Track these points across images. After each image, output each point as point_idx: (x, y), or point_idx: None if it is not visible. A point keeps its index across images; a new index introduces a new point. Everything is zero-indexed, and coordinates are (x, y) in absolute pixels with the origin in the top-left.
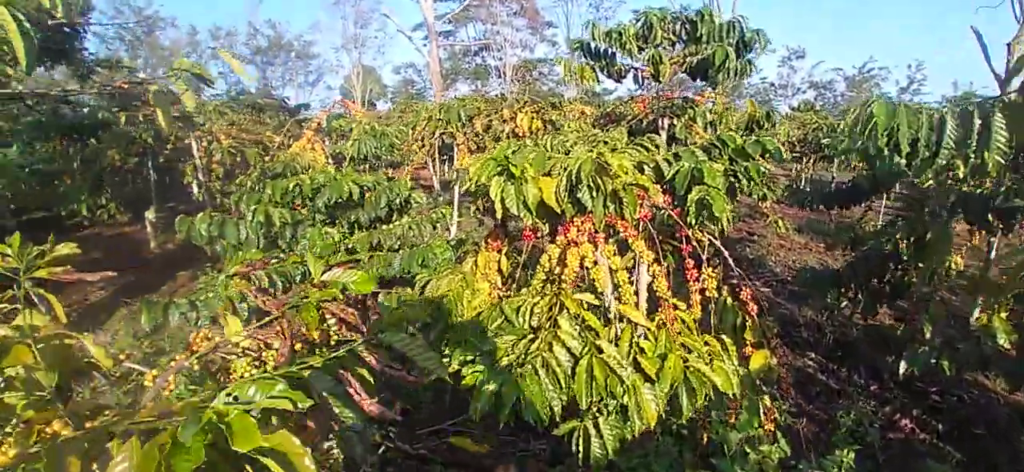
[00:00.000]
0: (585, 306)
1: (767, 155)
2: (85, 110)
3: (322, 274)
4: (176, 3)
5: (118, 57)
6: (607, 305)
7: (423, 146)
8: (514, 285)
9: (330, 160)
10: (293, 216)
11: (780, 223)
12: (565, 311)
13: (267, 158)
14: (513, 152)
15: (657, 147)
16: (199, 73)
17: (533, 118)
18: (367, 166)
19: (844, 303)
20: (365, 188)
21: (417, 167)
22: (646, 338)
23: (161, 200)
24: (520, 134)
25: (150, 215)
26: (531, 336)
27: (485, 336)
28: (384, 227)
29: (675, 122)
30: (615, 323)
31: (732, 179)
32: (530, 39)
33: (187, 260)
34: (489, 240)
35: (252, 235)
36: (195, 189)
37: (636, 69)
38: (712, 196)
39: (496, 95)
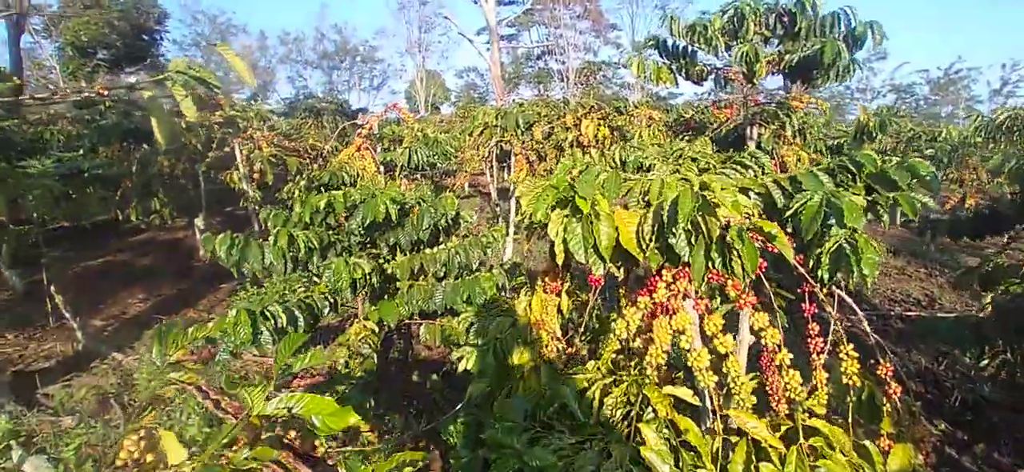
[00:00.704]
0: (675, 405)
1: (918, 182)
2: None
3: (271, 402)
4: (247, 10)
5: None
6: (707, 403)
7: (479, 153)
8: (578, 333)
9: (381, 169)
10: (326, 237)
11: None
12: (649, 409)
13: (315, 165)
14: (579, 173)
15: (762, 167)
16: (200, 77)
17: (599, 125)
18: (419, 175)
19: (985, 361)
20: (408, 205)
21: (474, 173)
22: (769, 460)
23: (212, 206)
24: (585, 143)
25: (199, 222)
26: (600, 445)
27: (534, 441)
28: (428, 251)
29: (763, 132)
30: (719, 433)
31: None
32: (593, 42)
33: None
34: (546, 279)
35: (275, 261)
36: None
37: (719, 70)
38: (861, 246)
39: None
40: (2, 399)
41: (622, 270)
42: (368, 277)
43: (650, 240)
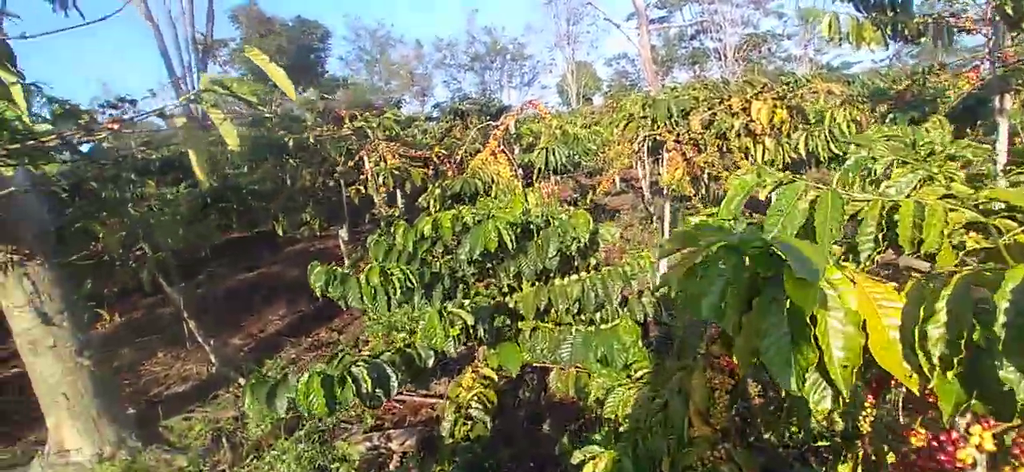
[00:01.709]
0: None
1: None
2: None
3: None
4: (403, 22)
5: (349, 77)
6: None
7: (627, 148)
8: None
9: (519, 172)
10: (433, 267)
11: None
12: None
13: (450, 172)
14: (775, 193)
15: None
16: (234, 91)
17: (776, 107)
18: (560, 176)
19: None
20: (531, 225)
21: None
22: None
23: (355, 217)
24: (757, 131)
25: (343, 233)
26: None
27: None
28: (557, 282)
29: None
30: None
31: None
32: (752, 14)
33: None
34: (714, 355)
35: (367, 302)
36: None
37: (948, 20)
38: None
39: (716, 79)
40: (125, 433)
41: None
42: (473, 329)
43: (934, 350)
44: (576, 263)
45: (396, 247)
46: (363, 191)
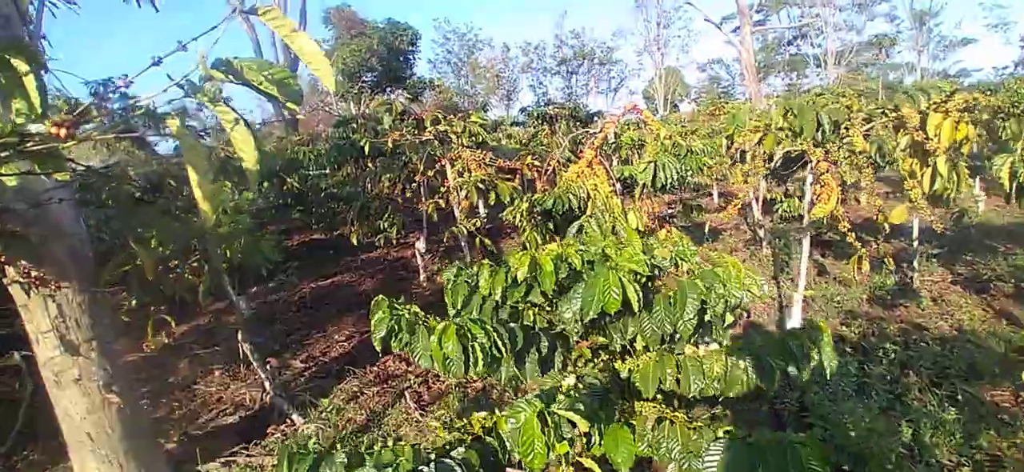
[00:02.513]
0: None
1: None
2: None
3: None
4: (492, 26)
5: (435, 79)
6: None
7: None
8: None
9: (617, 188)
10: (519, 327)
11: None
12: None
13: (541, 182)
14: None
15: None
16: (247, 78)
17: (960, 120)
18: (664, 197)
19: None
20: (658, 273)
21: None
22: None
23: (434, 227)
24: (932, 150)
25: (420, 244)
26: None
27: None
28: (689, 352)
29: None
30: None
31: None
32: (856, 19)
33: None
34: None
35: (441, 371)
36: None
37: None
38: None
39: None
40: None
41: None
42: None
43: None
44: (715, 331)
45: (479, 292)
46: (443, 205)
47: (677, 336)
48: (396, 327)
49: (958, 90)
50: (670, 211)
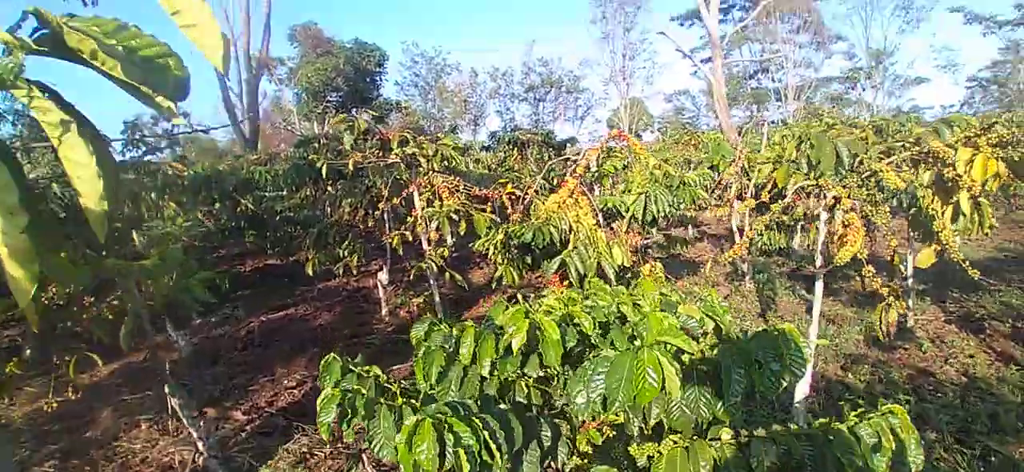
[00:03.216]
0: None
1: None
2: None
3: None
4: (461, 51)
5: (402, 101)
6: None
7: (731, 194)
8: None
9: (600, 219)
10: (511, 413)
11: None
12: None
13: (516, 213)
14: None
15: None
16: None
17: (990, 156)
18: (653, 230)
19: None
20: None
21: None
22: None
23: (399, 257)
24: (960, 186)
25: (383, 276)
26: None
27: None
28: (728, 438)
29: None
30: None
31: None
32: (814, 57)
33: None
34: None
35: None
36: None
37: None
38: None
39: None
40: None
41: None
42: None
43: None
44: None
45: (461, 361)
46: (409, 239)
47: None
48: (349, 409)
49: (996, 122)
50: (646, 243)
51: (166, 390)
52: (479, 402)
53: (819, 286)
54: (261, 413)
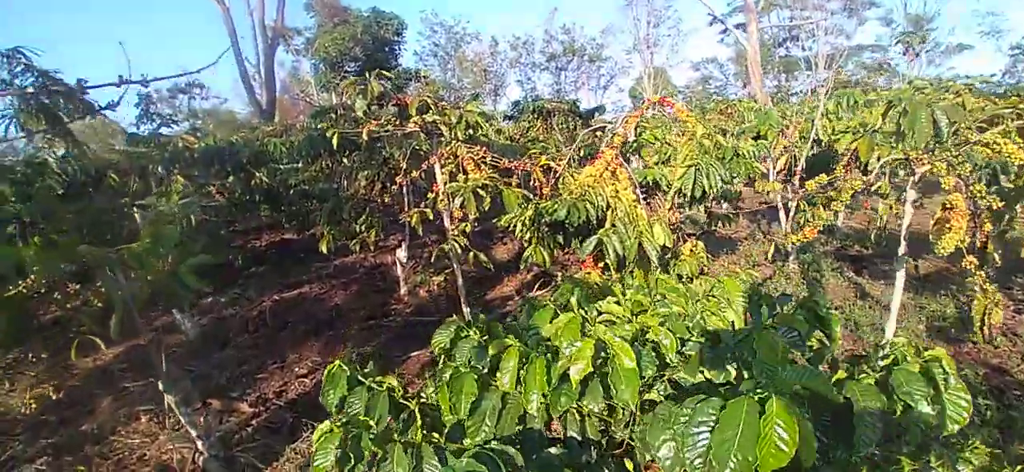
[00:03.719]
0: None
1: None
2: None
3: None
4: (480, 21)
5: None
6: None
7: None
8: None
9: (639, 196)
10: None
11: None
12: None
13: (548, 187)
14: None
15: None
16: None
17: None
18: (701, 208)
19: None
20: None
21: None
22: None
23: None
24: None
25: (401, 254)
26: None
27: None
28: None
29: None
30: None
31: None
32: (846, 24)
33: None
34: None
35: None
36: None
37: None
38: None
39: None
40: None
41: None
42: None
43: None
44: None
45: (498, 388)
46: (429, 216)
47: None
48: (352, 455)
49: None
50: (681, 220)
51: (161, 387)
52: (520, 441)
53: (901, 277)
54: (269, 405)
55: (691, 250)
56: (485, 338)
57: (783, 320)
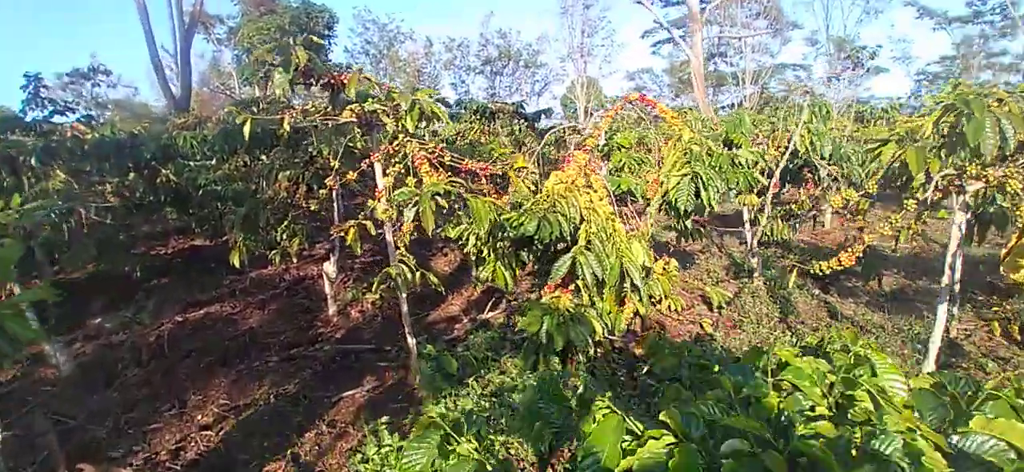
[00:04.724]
0: None
1: None
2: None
3: None
4: (414, 18)
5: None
6: None
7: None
8: None
9: (614, 204)
10: None
11: None
12: None
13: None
14: None
15: None
16: None
17: None
18: (683, 226)
19: None
20: None
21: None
22: None
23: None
24: None
25: (329, 267)
26: None
27: None
28: None
29: None
30: None
31: None
32: (770, 43)
33: (369, 363)
34: None
35: None
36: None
37: None
38: None
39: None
40: None
41: None
42: None
43: None
44: None
45: None
46: (370, 228)
47: None
48: None
49: None
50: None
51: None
52: None
53: (943, 310)
54: (162, 466)
55: (664, 268)
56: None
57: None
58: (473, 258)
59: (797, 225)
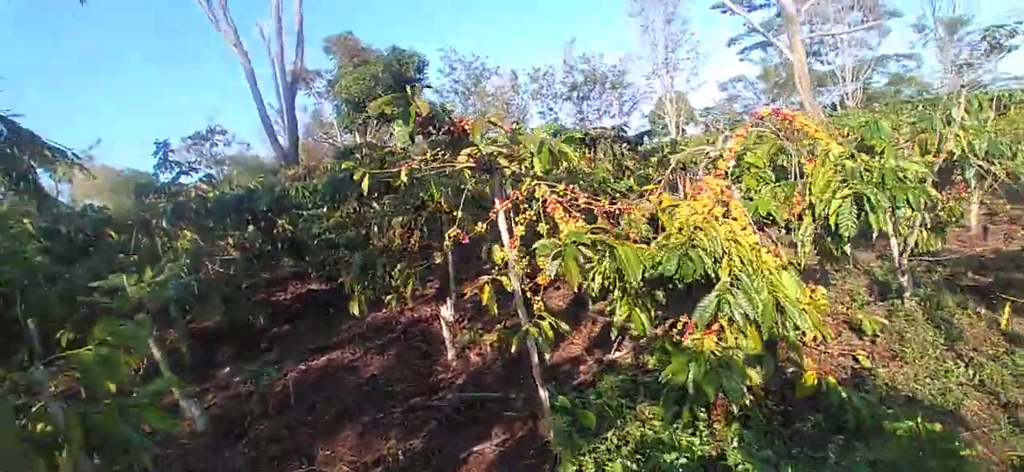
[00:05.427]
0: None
1: None
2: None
3: None
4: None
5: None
6: None
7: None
8: None
9: (758, 235)
10: None
11: None
12: None
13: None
14: None
15: None
16: None
17: None
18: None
19: None
20: None
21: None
22: None
23: (464, 277)
24: None
25: (446, 312)
26: None
27: None
28: None
29: None
30: None
31: None
32: (866, 36)
33: (494, 413)
34: None
35: None
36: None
37: None
38: None
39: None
40: None
41: None
42: None
43: None
44: None
45: None
46: (506, 284)
47: None
48: None
49: None
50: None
51: None
52: None
53: None
54: None
55: (810, 298)
56: None
57: None
58: (593, 294)
59: (945, 232)
